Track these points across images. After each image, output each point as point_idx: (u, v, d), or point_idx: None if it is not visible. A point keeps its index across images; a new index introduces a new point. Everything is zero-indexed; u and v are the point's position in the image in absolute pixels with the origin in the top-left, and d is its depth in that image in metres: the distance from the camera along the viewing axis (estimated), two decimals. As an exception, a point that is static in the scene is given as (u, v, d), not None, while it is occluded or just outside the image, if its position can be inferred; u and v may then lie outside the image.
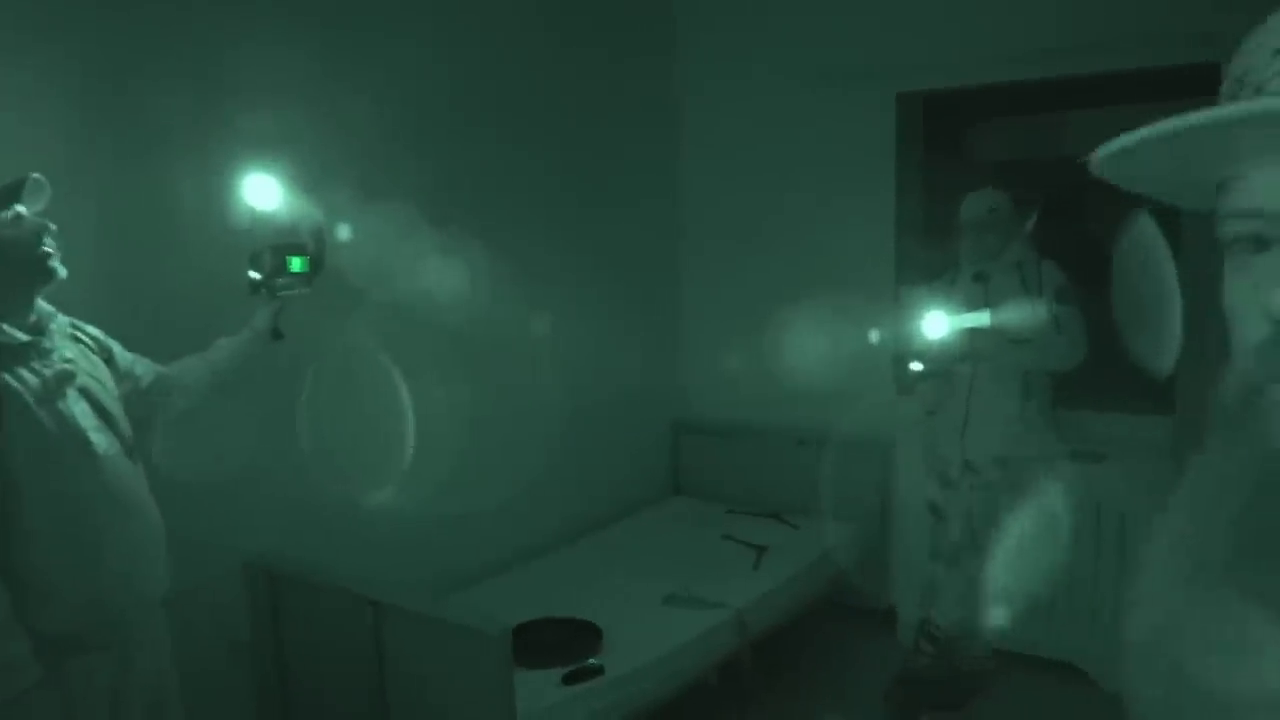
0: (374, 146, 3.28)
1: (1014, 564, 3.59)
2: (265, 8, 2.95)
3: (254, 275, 2.42)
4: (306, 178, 2.66)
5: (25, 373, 1.88)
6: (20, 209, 1.92)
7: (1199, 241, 0.69)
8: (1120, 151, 0.62)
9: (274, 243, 2.43)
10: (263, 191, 2.47)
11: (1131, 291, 3.01)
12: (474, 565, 3.68)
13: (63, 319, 2.02)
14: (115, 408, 2.05)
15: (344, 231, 2.86)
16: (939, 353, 3.51)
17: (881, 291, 4.14)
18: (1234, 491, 0.62)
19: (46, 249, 1.95)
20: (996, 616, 3.75)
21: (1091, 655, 3.68)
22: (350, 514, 3.20)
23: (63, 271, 1.98)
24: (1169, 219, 2.64)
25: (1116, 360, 3.69)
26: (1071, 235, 4.21)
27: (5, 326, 1.88)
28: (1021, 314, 3.39)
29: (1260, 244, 0.62)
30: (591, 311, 4.24)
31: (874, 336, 4.07)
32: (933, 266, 3.80)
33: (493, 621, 2.53)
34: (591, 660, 2.98)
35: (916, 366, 3.59)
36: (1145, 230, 2.90)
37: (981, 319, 3.41)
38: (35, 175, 1.94)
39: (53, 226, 1.98)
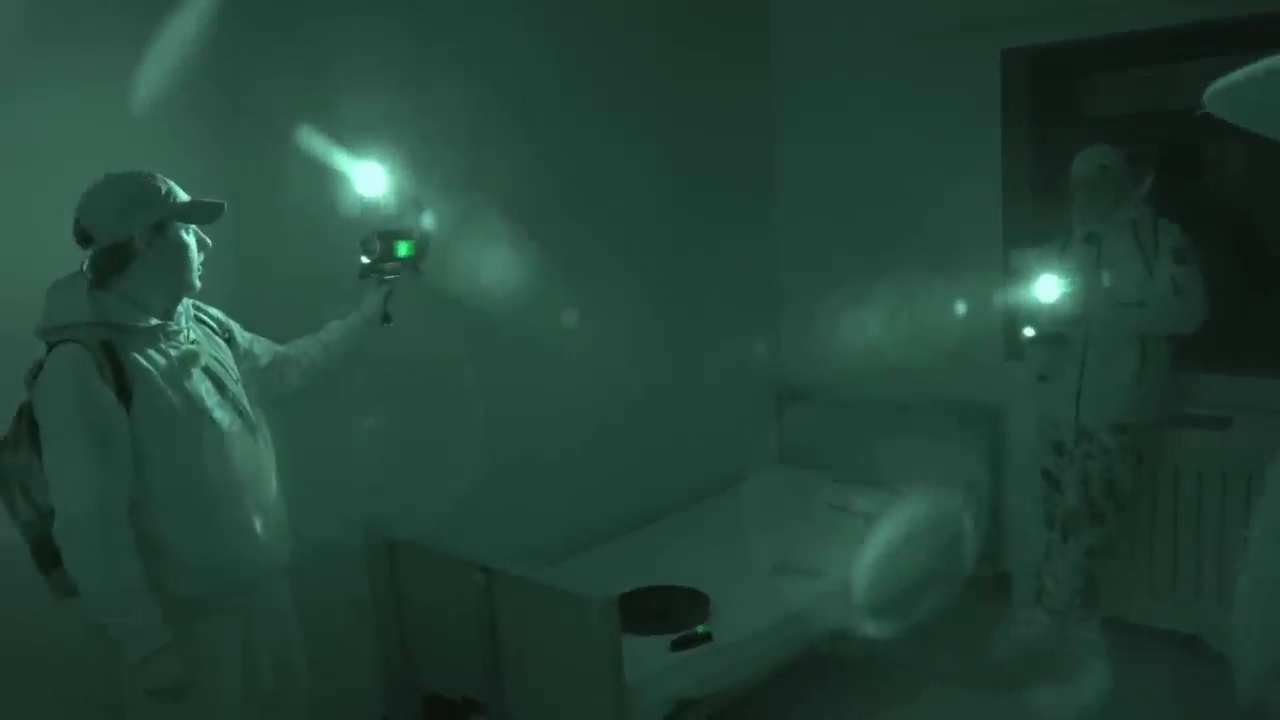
0: (475, 133, 3.34)
1: (1128, 533, 3.49)
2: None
3: (363, 260, 2.52)
4: (410, 164, 2.75)
5: (155, 353, 2.00)
6: (199, 231, 2.09)
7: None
8: (1231, 88, 0.61)
9: (381, 228, 2.53)
10: (370, 179, 2.56)
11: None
12: (585, 534, 3.77)
13: (187, 301, 2.14)
14: (236, 386, 2.17)
15: (445, 219, 2.93)
16: (1051, 317, 3.43)
17: (989, 255, 4.03)
18: None
19: (200, 266, 2.10)
20: (1114, 587, 3.67)
21: (1216, 627, 3.56)
22: (467, 487, 3.30)
23: (200, 285, 2.12)
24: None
25: (1242, 320, 3.54)
26: (1190, 191, 4.03)
27: (139, 311, 2.01)
28: (1135, 277, 3.29)
29: None
30: (693, 285, 4.27)
31: (980, 301, 3.99)
32: (1043, 228, 3.70)
33: (599, 588, 2.59)
34: (700, 628, 3.02)
35: (1029, 331, 3.52)
36: None
37: (1093, 282, 3.33)
38: (224, 203, 2.09)
39: (210, 245, 2.12)
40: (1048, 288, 3.38)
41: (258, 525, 2.14)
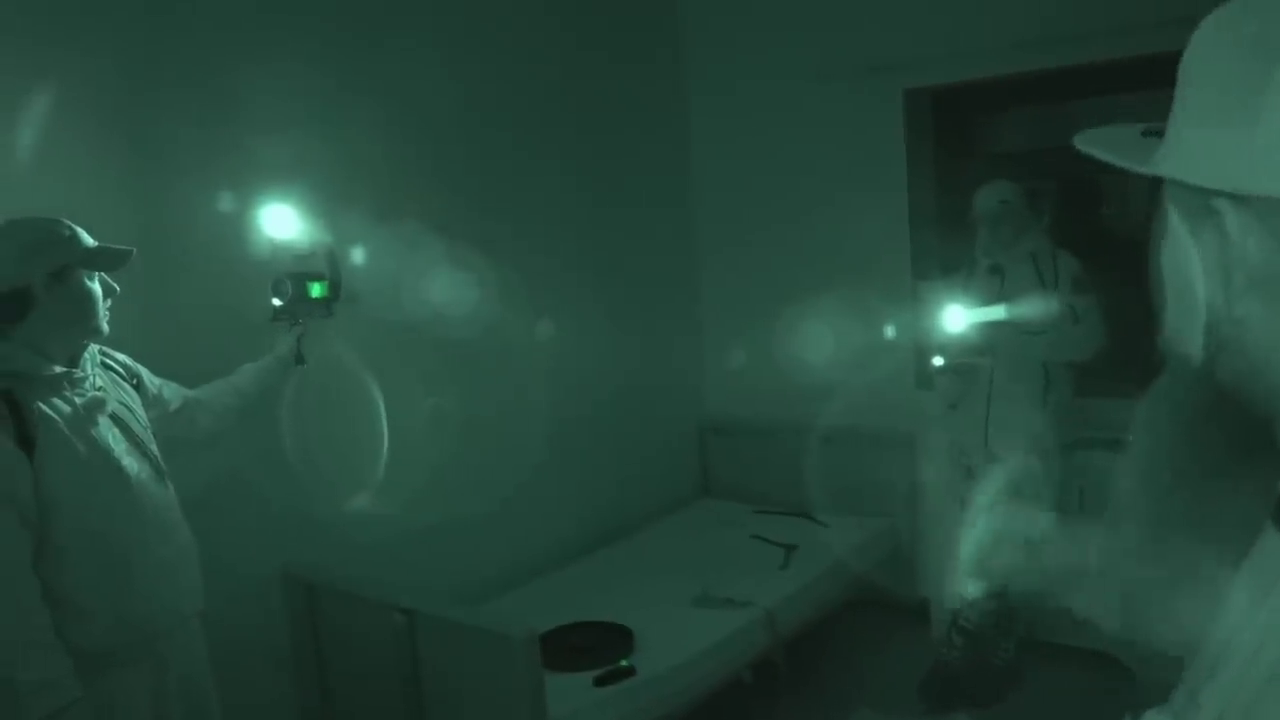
0: (387, 168, 3.36)
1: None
2: (276, 38, 3.04)
3: (276, 302, 2.52)
4: (322, 204, 2.76)
5: (59, 401, 1.97)
6: (105, 278, 2.07)
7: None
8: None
9: (293, 270, 2.53)
10: (281, 221, 2.57)
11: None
12: (507, 572, 3.76)
13: (93, 347, 2.12)
14: (144, 433, 2.15)
15: (360, 255, 2.95)
16: (959, 347, 3.53)
17: (898, 287, 4.16)
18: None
19: (107, 312, 2.08)
20: (1027, 607, 3.76)
21: (1125, 643, 3.67)
22: (387, 527, 3.28)
23: (107, 330, 2.09)
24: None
25: (1137, 346, 3.69)
26: (1086, 223, 4.21)
27: (41, 359, 1.98)
28: (1036, 307, 3.40)
29: None
30: (612, 319, 4.31)
31: (891, 332, 4.09)
32: (948, 260, 3.82)
33: (520, 626, 2.59)
34: (623, 662, 3.04)
35: (937, 361, 3.62)
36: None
37: (997, 313, 3.42)
38: (132, 250, 2.08)
39: (118, 291, 2.10)
40: (954, 318, 3.49)
41: (168, 573, 2.11)
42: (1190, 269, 0.68)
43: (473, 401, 3.67)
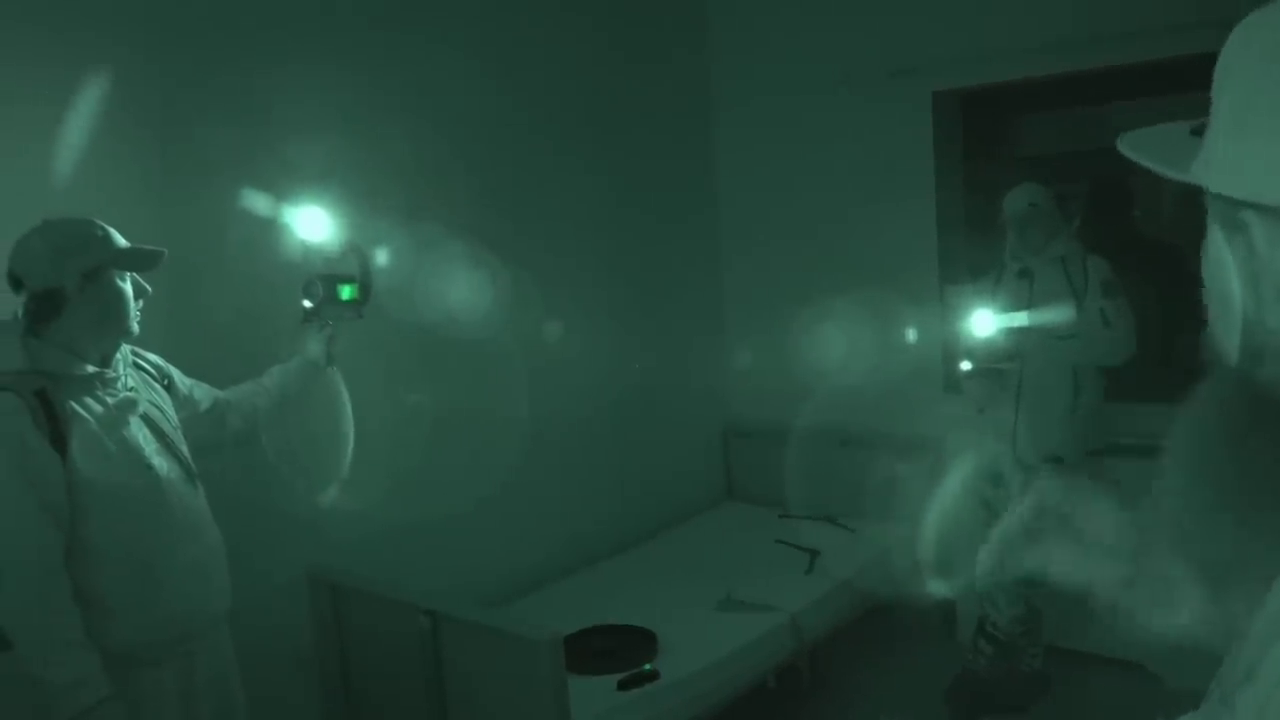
0: (413, 170, 3.37)
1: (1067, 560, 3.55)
2: (305, 40, 3.06)
3: (306, 304, 2.53)
4: (350, 205, 2.76)
5: (91, 401, 1.99)
6: (137, 278, 2.08)
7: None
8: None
9: (324, 272, 2.54)
10: (313, 223, 2.57)
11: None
12: (530, 574, 3.76)
13: (125, 347, 2.13)
14: (175, 433, 2.17)
15: (388, 256, 2.96)
16: (987, 351, 3.50)
17: (925, 290, 4.13)
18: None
19: (138, 312, 2.10)
20: (1055, 615, 3.72)
21: (1154, 651, 3.62)
22: (408, 528, 3.29)
23: (138, 330, 2.11)
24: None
25: (1170, 350, 3.65)
26: (1117, 226, 4.16)
27: (73, 358, 2.00)
28: (1066, 311, 3.37)
29: None
30: (637, 321, 4.31)
31: (917, 336, 4.07)
32: (977, 264, 3.79)
33: (544, 629, 2.59)
34: (647, 666, 3.03)
35: (965, 366, 3.59)
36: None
37: (1026, 317, 3.39)
38: (164, 250, 2.09)
39: (149, 291, 2.12)
40: (983, 322, 3.46)
41: (197, 574, 2.12)
42: (1227, 275, 0.67)
43: (492, 403, 3.68)
